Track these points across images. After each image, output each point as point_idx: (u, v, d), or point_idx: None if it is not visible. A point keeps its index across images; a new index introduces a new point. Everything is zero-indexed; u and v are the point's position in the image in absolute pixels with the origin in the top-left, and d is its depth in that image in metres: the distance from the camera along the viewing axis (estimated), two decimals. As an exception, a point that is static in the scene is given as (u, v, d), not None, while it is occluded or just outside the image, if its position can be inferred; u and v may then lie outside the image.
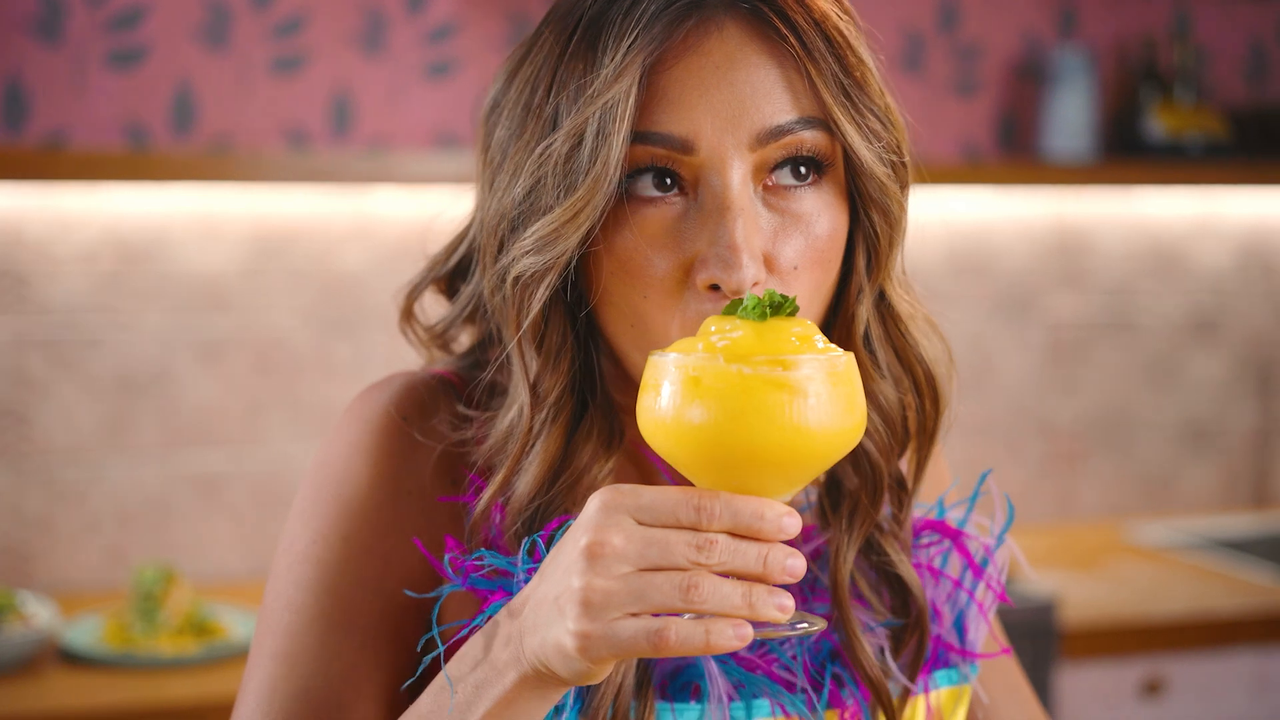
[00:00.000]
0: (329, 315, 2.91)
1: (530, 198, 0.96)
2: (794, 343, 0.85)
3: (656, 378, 0.85)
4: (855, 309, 1.01)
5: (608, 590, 0.81)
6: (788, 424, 0.83)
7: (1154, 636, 2.77)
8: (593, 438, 1.00)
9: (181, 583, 2.50)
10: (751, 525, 0.81)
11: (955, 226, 3.31)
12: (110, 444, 2.82)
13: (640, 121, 0.94)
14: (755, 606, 0.81)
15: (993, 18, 3.31)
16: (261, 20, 2.86)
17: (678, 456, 0.85)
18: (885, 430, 1.04)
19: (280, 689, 0.99)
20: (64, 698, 2.29)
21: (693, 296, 0.94)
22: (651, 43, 0.94)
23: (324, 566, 1.02)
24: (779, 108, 0.95)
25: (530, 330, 0.98)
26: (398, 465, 1.03)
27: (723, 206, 0.94)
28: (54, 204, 2.76)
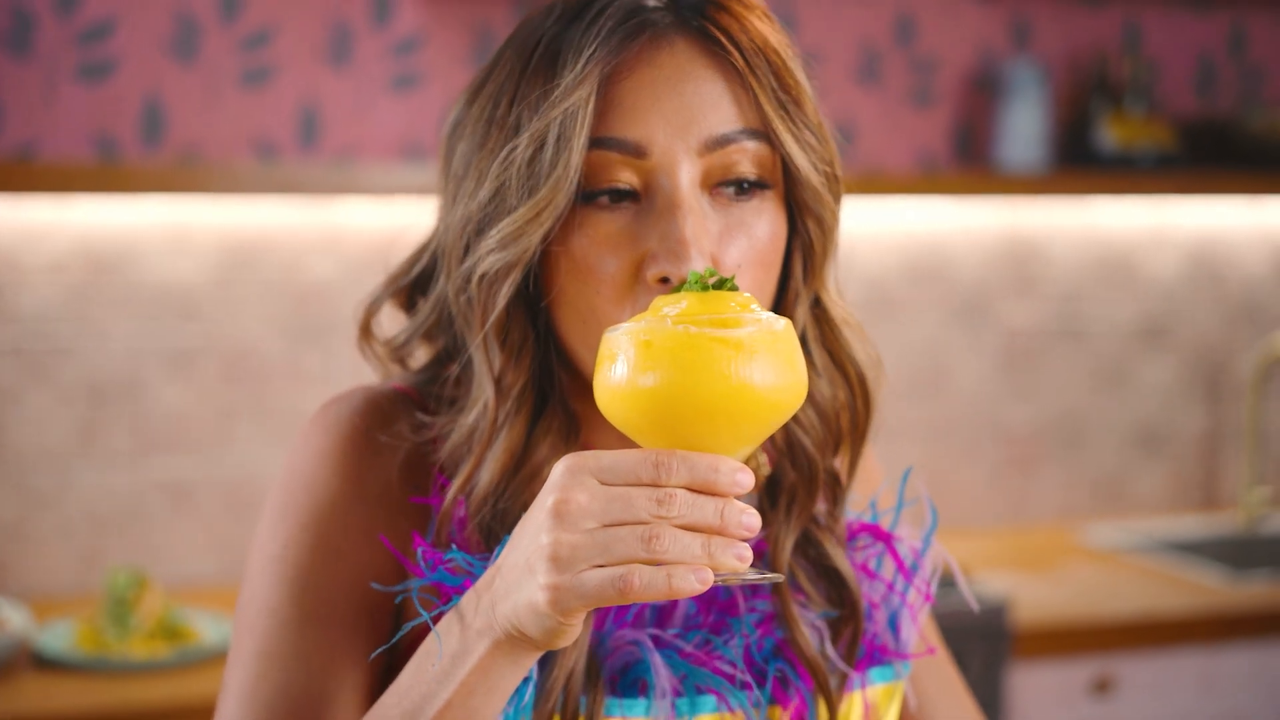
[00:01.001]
0: (297, 324, 2.95)
1: (495, 200, 1.02)
2: (734, 307, 0.90)
3: (611, 349, 0.90)
4: (793, 312, 1.08)
5: (574, 544, 0.85)
6: (734, 377, 0.87)
7: (1104, 636, 2.82)
8: (552, 431, 1.06)
9: (153, 587, 2.53)
10: (707, 479, 0.85)
11: (912, 235, 3.37)
12: (82, 451, 2.84)
13: (597, 128, 1.00)
14: (714, 555, 0.85)
15: (948, 31, 3.37)
16: (230, 33, 2.89)
17: (635, 421, 0.89)
18: (821, 427, 1.10)
19: (261, 687, 1.03)
20: (37, 701, 2.32)
21: (643, 290, 1.01)
22: (608, 55, 1.01)
23: (297, 568, 1.06)
24: (724, 117, 1.02)
25: (495, 327, 1.04)
26: (363, 470, 1.08)
27: (673, 205, 1.00)
28: (24, 215, 2.79)
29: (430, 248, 1.13)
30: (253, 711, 1.02)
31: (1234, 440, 3.65)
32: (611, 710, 1.04)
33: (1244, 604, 2.93)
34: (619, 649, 1.06)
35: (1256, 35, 3.61)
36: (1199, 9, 3.56)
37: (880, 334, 3.33)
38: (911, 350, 3.39)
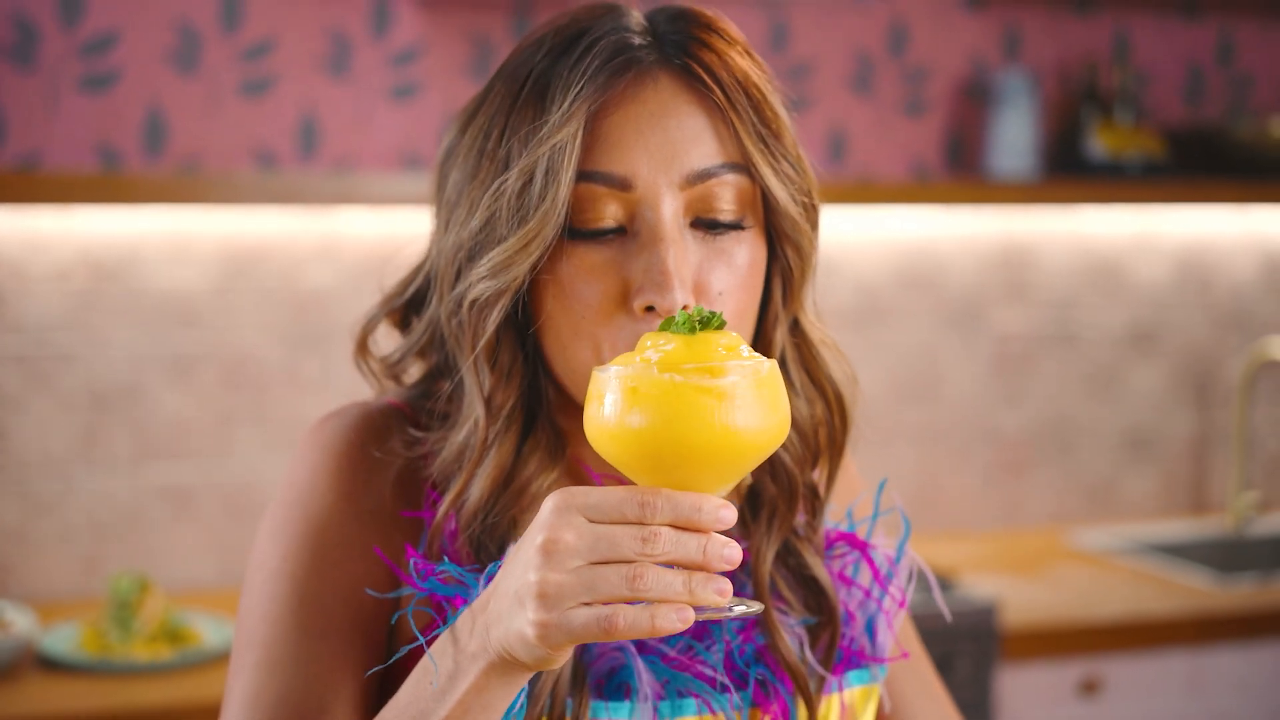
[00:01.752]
0: (296, 332, 2.99)
1: (486, 230, 1.06)
2: (721, 353, 0.93)
3: (599, 389, 0.93)
4: (773, 335, 1.12)
5: (561, 583, 0.88)
6: (717, 425, 0.90)
7: (1092, 638, 2.86)
8: (539, 448, 1.10)
9: (155, 591, 2.57)
10: (690, 518, 0.89)
11: (904, 242, 3.40)
12: (84, 457, 2.88)
13: (584, 162, 1.04)
14: (695, 592, 0.88)
15: (940, 41, 3.41)
16: (230, 44, 2.93)
17: (622, 459, 0.93)
18: (800, 443, 1.14)
19: (263, 696, 1.06)
20: (42, 703, 2.35)
21: (628, 319, 1.05)
22: (595, 92, 1.04)
23: (295, 581, 1.09)
24: (706, 152, 1.06)
25: (485, 350, 1.07)
26: (357, 485, 1.12)
27: (656, 237, 1.04)
28: (28, 224, 2.82)
29: (424, 270, 1.17)
30: (254, 718, 1.06)
31: (1223, 445, 3.69)
32: (597, 713, 1.07)
33: (1231, 606, 2.96)
34: (604, 654, 1.09)
35: (1245, 44, 3.65)
36: (1188, 19, 3.60)
37: (873, 340, 3.37)
38: (904, 356, 3.43)
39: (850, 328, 3.37)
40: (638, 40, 1.07)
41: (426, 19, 3.02)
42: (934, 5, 3.39)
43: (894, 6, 3.36)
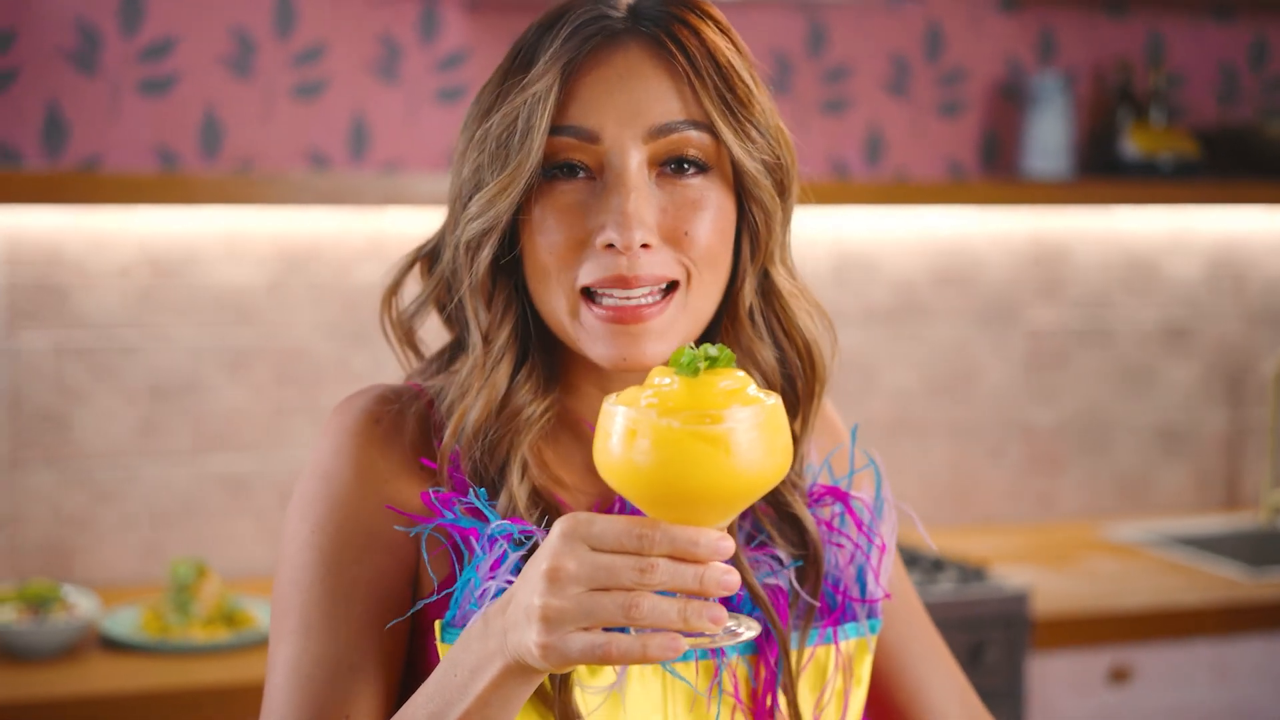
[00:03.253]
0: (347, 327, 3.08)
1: (475, 176, 1.19)
2: (720, 398, 0.97)
3: (606, 426, 0.99)
4: (742, 285, 1.21)
5: (561, 609, 0.95)
6: (712, 470, 0.95)
7: (1121, 627, 2.91)
8: (531, 378, 1.20)
9: (212, 576, 2.67)
10: (687, 551, 0.95)
11: (940, 241, 3.47)
12: (144, 447, 2.98)
13: (558, 117, 1.16)
14: (689, 620, 0.95)
15: (975, 43, 3.47)
16: (284, 49, 3.03)
17: (627, 492, 0.99)
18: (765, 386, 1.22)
19: (303, 659, 1.15)
20: (104, 681, 2.45)
21: (592, 254, 1.15)
22: (569, 54, 1.16)
23: (323, 551, 1.18)
24: (668, 110, 1.16)
25: (481, 287, 1.19)
26: (375, 458, 1.21)
27: (619, 184, 1.15)
28: (91, 224, 2.91)
29: (442, 225, 1.28)
30: (296, 681, 1.15)
31: (1255, 440, 3.73)
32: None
33: (1257, 596, 3.01)
34: None
35: (1277, 45, 3.69)
36: (1221, 20, 3.65)
37: (909, 336, 3.44)
38: (940, 352, 3.49)
39: (887, 324, 3.44)
40: (614, 14, 1.19)
41: (473, 23, 3.11)
42: (969, 8, 3.46)
43: (929, 9, 3.43)
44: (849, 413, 3.40)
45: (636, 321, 1.15)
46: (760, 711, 1.20)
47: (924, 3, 3.41)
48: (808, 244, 3.35)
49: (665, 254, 1.15)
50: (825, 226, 3.37)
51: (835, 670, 1.23)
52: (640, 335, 1.15)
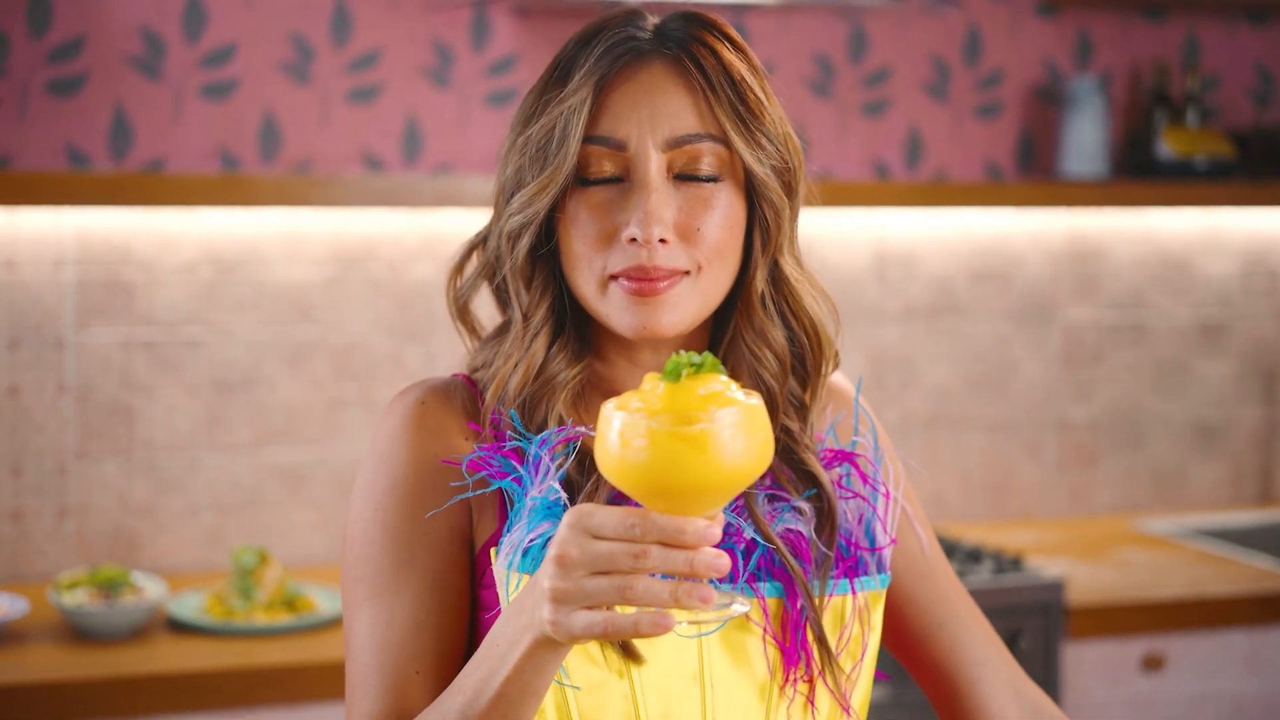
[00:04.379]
0: (401, 323, 3.17)
1: (517, 176, 1.34)
2: (701, 399, 1.07)
3: (604, 428, 1.09)
4: (754, 274, 1.36)
5: (566, 590, 1.07)
6: (694, 466, 1.05)
7: (1155, 616, 2.97)
8: (565, 350, 1.36)
9: (274, 562, 2.77)
10: (675, 538, 1.06)
11: (978, 239, 3.54)
12: (207, 439, 3.07)
13: (590, 128, 1.30)
14: (679, 600, 1.06)
15: (1013, 47, 3.54)
16: (340, 55, 3.12)
17: (623, 487, 1.09)
18: (776, 364, 1.37)
19: (378, 621, 1.30)
20: (171, 661, 2.54)
21: (618, 246, 1.30)
22: (600, 71, 1.31)
23: (386, 527, 1.32)
24: (687, 123, 1.31)
25: (521, 270, 1.35)
26: (425, 441, 1.35)
27: (642, 186, 1.30)
28: (157, 224, 3.00)
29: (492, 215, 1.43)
30: (372, 643, 1.29)
31: (1290, 436, 3.79)
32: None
33: (1291, 588, 3.08)
34: None
35: (1312, 48, 3.74)
36: (1256, 23, 3.70)
37: (947, 333, 3.51)
38: (977, 349, 3.56)
39: (926, 321, 3.52)
40: (641, 34, 1.33)
41: (522, 29, 3.20)
42: (1007, 12, 3.52)
43: (968, 14, 3.50)
44: (889, 407, 3.48)
45: (653, 295, 1.30)
46: (789, 645, 1.31)
47: (963, 7, 3.48)
48: (849, 243, 3.43)
49: (679, 249, 1.30)
50: (866, 225, 3.45)
51: (852, 616, 1.35)
52: (657, 307, 1.30)
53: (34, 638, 2.64)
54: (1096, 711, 2.96)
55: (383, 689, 1.27)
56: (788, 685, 1.31)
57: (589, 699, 1.26)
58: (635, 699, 1.26)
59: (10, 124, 2.94)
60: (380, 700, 1.26)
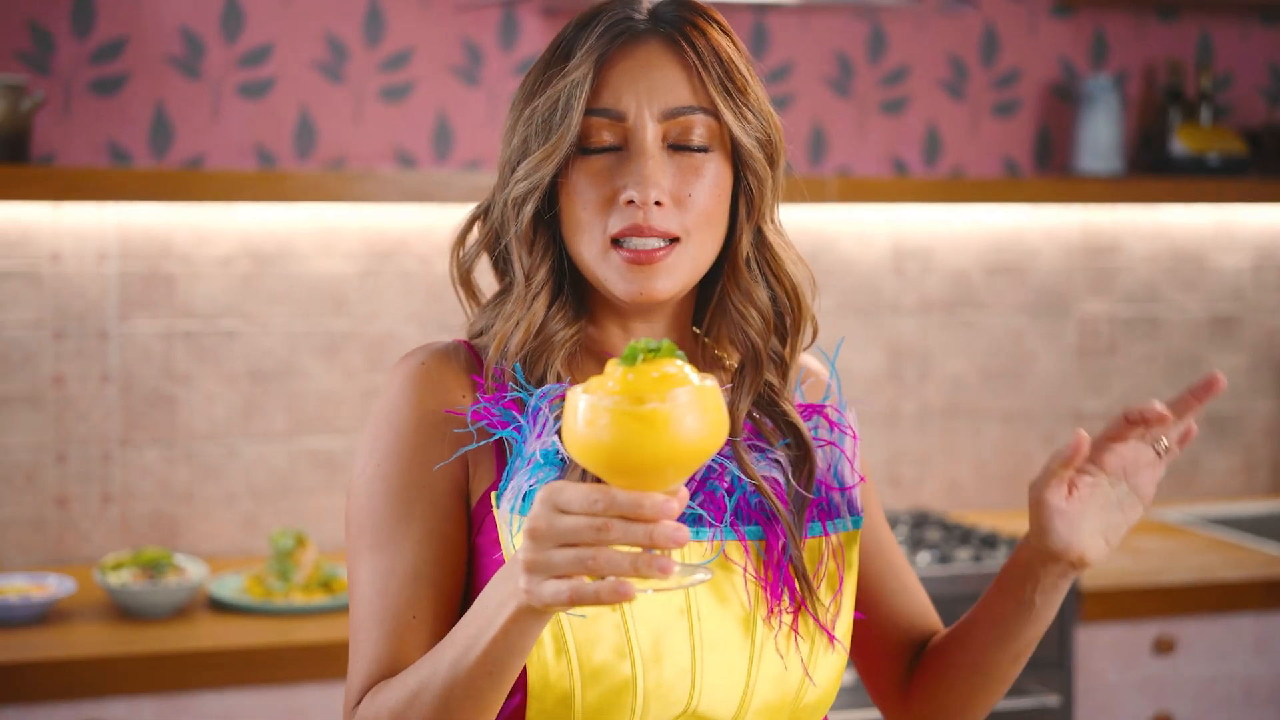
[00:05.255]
0: (432, 315, 3.25)
1: (523, 147, 1.43)
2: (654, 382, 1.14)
3: (569, 411, 1.17)
4: (740, 239, 1.46)
5: (536, 561, 1.14)
6: (648, 444, 1.12)
7: (1166, 600, 3.04)
8: (563, 310, 1.45)
9: (310, 545, 2.86)
10: (635, 512, 1.13)
11: (995, 234, 3.62)
12: (244, 427, 3.16)
13: (591, 101, 1.40)
14: (640, 570, 1.13)
15: (1030, 47, 3.61)
16: (373, 55, 3.21)
17: (586, 464, 1.16)
18: (760, 322, 1.47)
19: (379, 570, 1.38)
20: (213, 638, 2.63)
21: (616, 209, 1.39)
22: (600, 48, 1.42)
23: (388, 480, 1.41)
24: (680, 96, 1.42)
25: (524, 235, 1.43)
26: (429, 399, 1.43)
27: (640, 153, 1.40)
28: (196, 218, 3.09)
29: (494, 187, 1.52)
30: (373, 590, 1.38)
31: (1302, 428, 3.85)
32: None
33: (1300, 574, 3.14)
34: None
35: (1324, 47, 3.81)
36: (1268, 23, 3.77)
37: (964, 326, 3.59)
38: (994, 341, 3.64)
39: (943, 314, 3.59)
40: (638, 16, 1.44)
41: (549, 28, 3.27)
42: (1023, 12, 3.60)
43: (985, 13, 3.57)
44: (907, 398, 3.56)
45: (650, 264, 1.39)
46: (773, 580, 1.42)
47: (980, 7, 3.55)
48: (868, 237, 3.51)
49: (672, 213, 1.40)
50: (885, 220, 3.53)
51: (828, 555, 1.45)
52: (652, 274, 1.40)
53: (81, 616, 2.74)
54: (1109, 693, 3.04)
55: (383, 633, 1.36)
56: (772, 617, 1.40)
57: (583, 629, 1.35)
58: (627, 630, 1.35)
59: (55, 122, 3.04)
60: (380, 643, 1.36)
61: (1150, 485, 1.40)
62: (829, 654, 1.43)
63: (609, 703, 1.36)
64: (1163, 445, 1.40)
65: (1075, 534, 1.38)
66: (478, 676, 1.25)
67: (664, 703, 1.37)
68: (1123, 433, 1.40)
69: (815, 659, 1.42)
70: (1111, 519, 1.40)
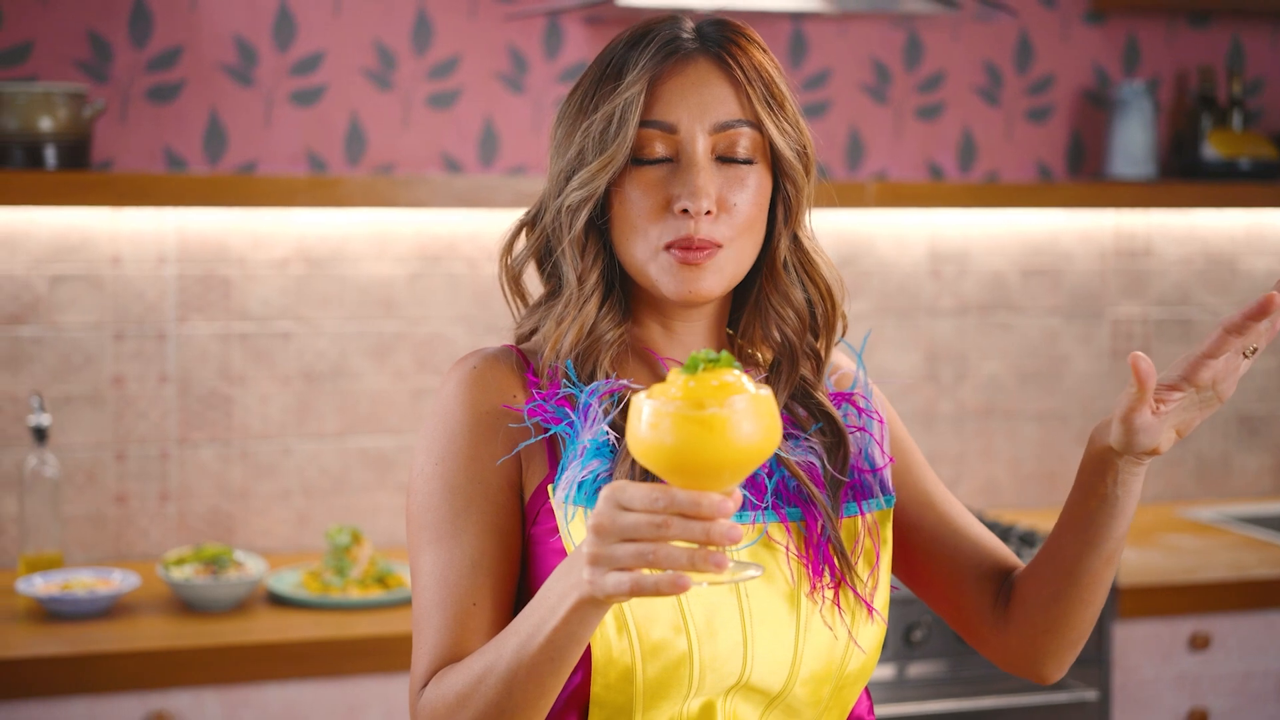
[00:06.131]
0: (480, 318, 3.31)
1: (578, 157, 1.50)
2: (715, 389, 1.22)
3: (633, 415, 1.24)
4: (778, 244, 1.56)
5: (600, 555, 1.22)
6: (707, 447, 1.19)
7: (1201, 597, 3.09)
8: (612, 312, 1.54)
9: (366, 541, 2.93)
10: (693, 511, 1.21)
11: (1029, 237, 3.67)
12: (297, 427, 3.22)
13: (645, 114, 1.48)
14: (696, 565, 1.20)
15: (1063, 53, 3.66)
16: (421, 62, 3.27)
17: (649, 465, 1.24)
18: (797, 320, 1.57)
19: (440, 562, 1.47)
20: (273, 632, 2.70)
21: (670, 216, 1.48)
22: (654, 66, 1.51)
23: (445, 479, 1.49)
24: (728, 110, 1.50)
25: (576, 241, 1.50)
26: (482, 400, 1.51)
27: (691, 164, 1.48)
28: (251, 223, 3.16)
29: (542, 195, 1.60)
30: (435, 581, 1.46)
31: (1332, 429, 3.89)
32: None
33: (1333, 572, 3.18)
34: None
35: (1353, 53, 3.85)
36: (1298, 30, 3.82)
37: (999, 327, 3.65)
38: (1029, 343, 3.69)
39: (979, 316, 3.65)
40: (686, 36, 1.52)
41: (592, 37, 3.34)
42: (1057, 19, 3.65)
43: (1019, 21, 3.63)
44: (943, 399, 3.62)
45: (698, 265, 1.48)
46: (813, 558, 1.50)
47: (1014, 15, 3.61)
48: (905, 241, 3.57)
49: (718, 221, 1.48)
50: (921, 224, 3.59)
51: (864, 533, 1.54)
52: (700, 274, 1.48)
53: (144, 610, 2.81)
54: (1146, 688, 3.09)
55: (445, 620, 1.44)
56: (815, 592, 1.49)
57: (642, 608, 1.43)
58: (682, 607, 1.44)
59: (113, 129, 3.11)
60: (443, 630, 1.44)
61: (1233, 385, 1.42)
62: (869, 625, 1.52)
63: (668, 676, 1.44)
64: (1251, 347, 1.41)
65: (1156, 438, 1.41)
66: (540, 662, 1.33)
67: (719, 675, 1.45)
68: (1221, 347, 1.38)
69: (857, 630, 1.51)
70: (1189, 416, 1.42)
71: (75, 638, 2.65)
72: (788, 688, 1.48)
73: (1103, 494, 1.47)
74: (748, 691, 1.47)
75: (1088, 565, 1.52)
